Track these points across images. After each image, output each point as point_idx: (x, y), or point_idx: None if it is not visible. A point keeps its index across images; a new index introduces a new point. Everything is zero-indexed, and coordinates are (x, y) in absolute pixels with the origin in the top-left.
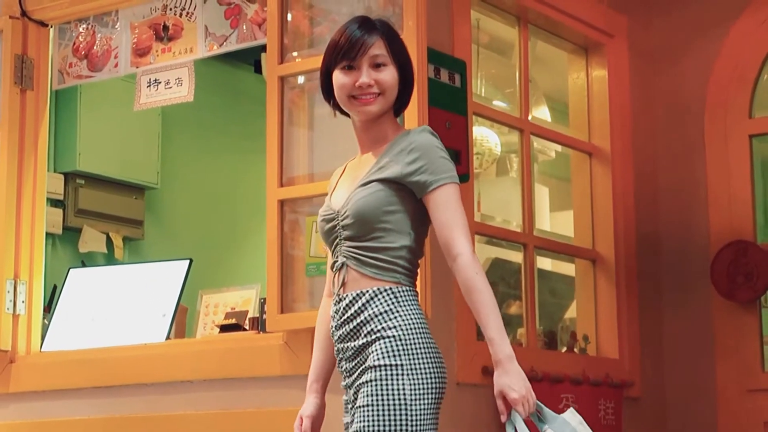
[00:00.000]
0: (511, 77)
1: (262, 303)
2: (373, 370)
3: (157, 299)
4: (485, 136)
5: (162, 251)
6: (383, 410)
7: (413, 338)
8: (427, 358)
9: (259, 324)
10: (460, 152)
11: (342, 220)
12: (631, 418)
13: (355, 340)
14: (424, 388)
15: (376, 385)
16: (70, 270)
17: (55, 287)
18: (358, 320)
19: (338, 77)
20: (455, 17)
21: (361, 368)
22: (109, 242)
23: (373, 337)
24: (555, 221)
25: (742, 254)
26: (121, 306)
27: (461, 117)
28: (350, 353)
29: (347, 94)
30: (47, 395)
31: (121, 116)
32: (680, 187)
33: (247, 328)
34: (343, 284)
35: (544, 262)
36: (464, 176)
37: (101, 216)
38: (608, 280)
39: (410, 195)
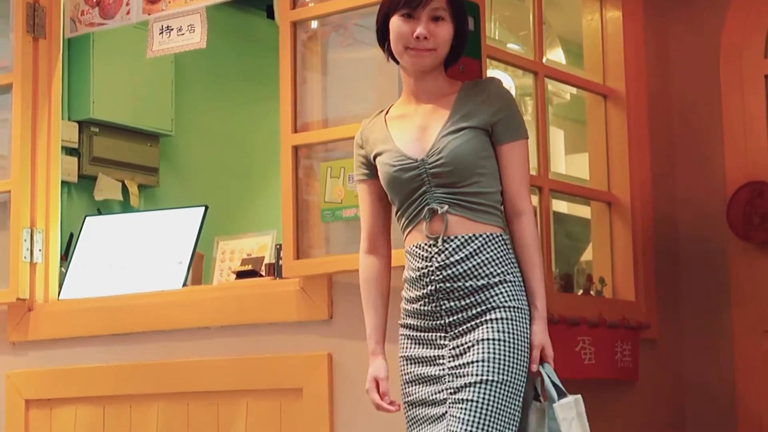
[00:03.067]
0: (525, 20)
1: (278, 249)
2: (502, 309)
3: (174, 246)
4: (499, 79)
5: (177, 198)
6: (513, 346)
7: (523, 287)
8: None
9: (275, 270)
10: None
11: (433, 168)
12: (647, 360)
13: (471, 280)
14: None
15: (507, 322)
16: (86, 218)
17: (71, 235)
18: (475, 261)
19: (396, 24)
20: None
21: (480, 307)
22: (125, 190)
23: (497, 279)
24: (570, 164)
25: (758, 195)
26: (137, 253)
27: (475, 60)
28: (461, 293)
29: (404, 44)
30: (65, 343)
31: (135, 64)
32: (695, 129)
33: (263, 274)
34: (446, 228)
35: (560, 205)
36: None
37: (116, 164)
38: (624, 223)
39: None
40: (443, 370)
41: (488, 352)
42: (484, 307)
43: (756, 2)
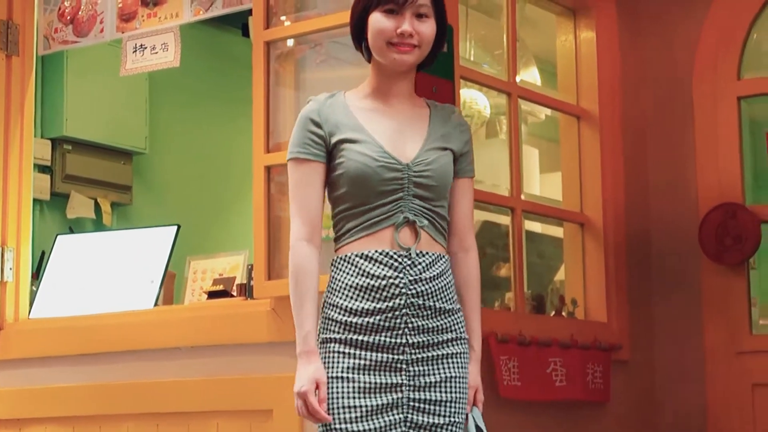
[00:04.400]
0: (500, 39)
1: (250, 269)
2: (461, 342)
3: (145, 265)
4: (474, 99)
5: (150, 216)
6: (466, 384)
7: None
8: None
9: (246, 290)
10: None
11: (417, 177)
12: (619, 381)
13: (439, 302)
14: None
15: (464, 357)
16: (58, 236)
17: (43, 253)
18: (443, 282)
19: (378, 20)
20: None
21: (447, 333)
22: (97, 208)
23: (456, 306)
24: (546, 183)
25: (731, 216)
26: (109, 272)
27: (448, 82)
28: (431, 312)
29: (386, 40)
30: (35, 362)
31: (109, 81)
32: (669, 150)
33: (234, 294)
34: (418, 242)
35: (534, 225)
36: None
37: (89, 181)
38: (597, 244)
39: None
40: (401, 398)
41: (455, 392)
42: (450, 336)
43: (729, 24)
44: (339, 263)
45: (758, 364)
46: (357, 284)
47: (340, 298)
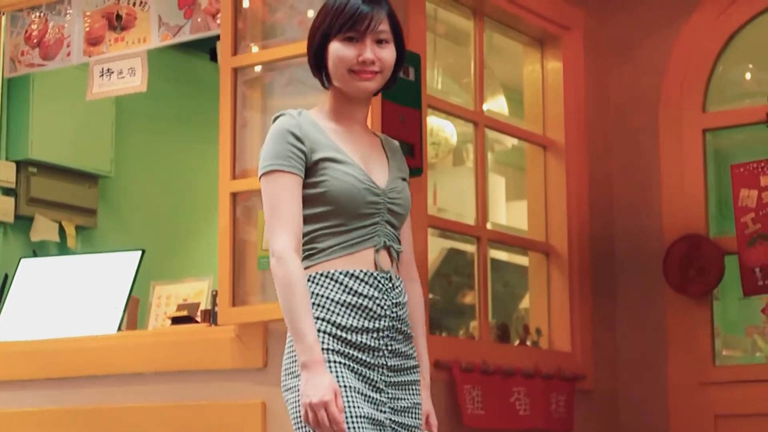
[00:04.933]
0: (468, 67)
1: (214, 295)
2: (418, 369)
3: (109, 290)
4: (441, 126)
5: (115, 240)
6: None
7: None
8: None
9: (210, 316)
10: (413, 146)
11: (391, 204)
12: (583, 411)
13: (407, 327)
14: None
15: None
16: (21, 260)
17: (6, 277)
18: (407, 309)
19: (339, 48)
20: (410, 9)
21: (412, 360)
22: (62, 231)
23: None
24: (512, 210)
25: (695, 248)
26: (72, 297)
27: (415, 110)
28: (404, 336)
29: (347, 68)
30: None
31: (75, 104)
32: (634, 181)
33: (198, 320)
34: (395, 266)
35: (499, 253)
36: (417, 170)
37: (54, 205)
38: (561, 274)
39: None
40: (386, 417)
41: (419, 418)
42: (414, 362)
43: (695, 57)
44: (320, 279)
45: (721, 396)
46: (346, 301)
47: (331, 314)
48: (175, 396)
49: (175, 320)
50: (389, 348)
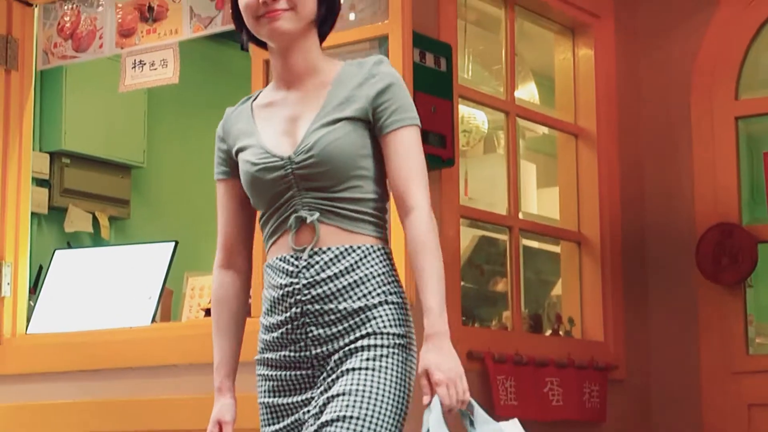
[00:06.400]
0: (498, 54)
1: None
2: (380, 336)
3: (143, 281)
4: (472, 114)
5: (148, 231)
6: (387, 379)
7: (409, 308)
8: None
9: None
10: (445, 137)
11: (301, 168)
12: (615, 401)
13: (345, 302)
14: (415, 368)
15: (383, 349)
16: (56, 251)
17: (40, 268)
18: (351, 278)
19: None
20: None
21: (353, 333)
22: (95, 222)
23: (377, 299)
24: (543, 198)
25: (727, 236)
26: (106, 288)
27: (447, 101)
28: (333, 317)
29: (253, 14)
30: (32, 378)
31: (107, 95)
32: (666, 169)
33: None
34: (317, 239)
35: (531, 241)
36: (449, 161)
37: (87, 195)
38: (593, 263)
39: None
40: (301, 417)
41: (352, 384)
42: (358, 334)
43: (727, 44)
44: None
45: (754, 385)
46: (267, 296)
47: (261, 315)
48: (209, 388)
49: (209, 311)
50: (310, 335)
